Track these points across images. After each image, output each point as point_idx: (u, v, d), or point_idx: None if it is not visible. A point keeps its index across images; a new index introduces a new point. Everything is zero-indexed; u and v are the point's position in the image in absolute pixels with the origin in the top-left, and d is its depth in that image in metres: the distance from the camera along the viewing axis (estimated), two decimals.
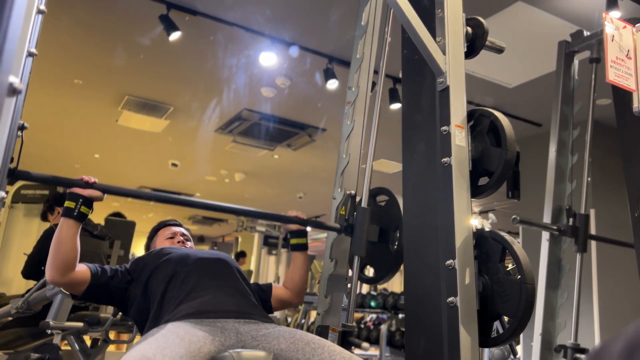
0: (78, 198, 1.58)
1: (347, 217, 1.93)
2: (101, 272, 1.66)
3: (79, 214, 1.58)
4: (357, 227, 1.89)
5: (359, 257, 1.87)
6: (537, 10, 3.40)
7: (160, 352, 1.20)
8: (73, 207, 1.57)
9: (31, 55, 1.31)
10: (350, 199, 1.95)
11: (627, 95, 2.19)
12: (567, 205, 2.66)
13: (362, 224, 1.89)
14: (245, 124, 5.77)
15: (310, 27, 3.89)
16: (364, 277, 2.10)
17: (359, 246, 1.87)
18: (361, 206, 1.92)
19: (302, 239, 1.96)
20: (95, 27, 4.06)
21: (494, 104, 4.81)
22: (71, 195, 1.58)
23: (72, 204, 1.57)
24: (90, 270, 1.63)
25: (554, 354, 2.53)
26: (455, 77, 1.64)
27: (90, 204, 1.60)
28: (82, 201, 1.58)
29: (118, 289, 1.67)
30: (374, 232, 1.97)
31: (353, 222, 1.91)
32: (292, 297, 1.95)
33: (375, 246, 2.00)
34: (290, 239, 1.97)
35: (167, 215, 2.38)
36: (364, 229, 1.88)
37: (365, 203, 1.92)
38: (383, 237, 2.01)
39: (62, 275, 1.57)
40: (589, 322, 4.39)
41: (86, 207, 1.59)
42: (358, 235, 1.88)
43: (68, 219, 1.57)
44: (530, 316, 1.50)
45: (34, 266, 2.98)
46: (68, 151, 7.67)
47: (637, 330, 0.41)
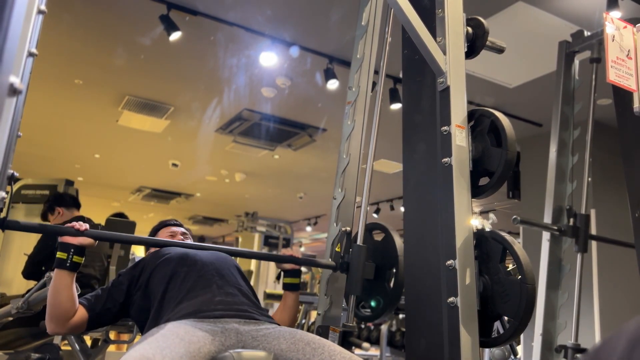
0: (69, 248, 1.56)
1: (343, 254, 1.89)
2: (95, 301, 1.66)
3: (71, 264, 1.56)
4: (352, 265, 1.85)
5: (354, 296, 1.84)
6: (537, 10, 3.40)
7: (159, 352, 1.20)
8: (65, 257, 1.56)
9: (32, 56, 1.30)
10: (346, 236, 1.92)
11: (628, 95, 2.19)
12: (568, 205, 2.66)
13: (358, 262, 1.84)
14: (245, 124, 5.77)
15: (310, 27, 3.89)
16: (361, 315, 2.03)
17: (355, 285, 1.83)
18: (357, 244, 1.88)
19: (296, 279, 1.94)
20: (96, 28, 4.06)
21: (494, 104, 4.81)
22: (62, 246, 1.57)
23: (64, 254, 1.56)
24: (84, 307, 1.63)
25: (554, 354, 2.53)
26: (455, 77, 1.64)
27: (82, 253, 1.59)
28: (74, 251, 1.56)
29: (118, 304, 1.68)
30: (370, 270, 1.89)
31: (349, 259, 1.87)
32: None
33: (372, 284, 1.95)
34: (284, 278, 1.95)
35: (167, 216, 2.38)
36: (360, 267, 1.84)
37: (360, 240, 1.88)
38: (379, 274, 1.95)
39: (62, 326, 1.57)
40: (589, 323, 4.39)
41: (78, 256, 1.58)
42: (354, 273, 1.84)
43: (61, 271, 1.56)
44: (530, 316, 1.49)
45: (34, 266, 2.98)
46: (68, 151, 7.67)
47: (639, 326, 0.41)
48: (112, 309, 1.67)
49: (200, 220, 12.27)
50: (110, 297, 1.68)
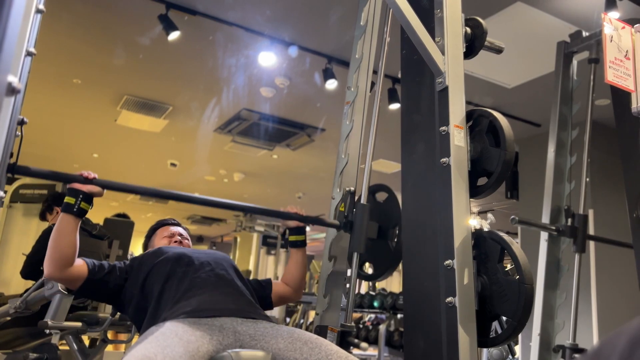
0: (78, 194, 1.57)
1: (347, 213, 1.93)
2: (98, 267, 1.66)
3: (78, 209, 1.57)
4: (356, 224, 1.89)
5: (358, 254, 1.87)
6: (536, 10, 3.40)
7: (161, 351, 1.20)
8: (73, 202, 1.57)
9: (30, 55, 1.30)
10: (350, 196, 1.96)
11: (626, 95, 2.19)
12: (566, 205, 2.66)
13: (362, 221, 1.89)
14: (244, 123, 5.77)
15: (309, 27, 3.89)
16: (363, 274, 2.10)
17: (358, 243, 1.87)
18: (360, 203, 1.92)
19: (301, 236, 1.96)
20: (95, 27, 4.05)
21: (493, 104, 4.82)
22: (71, 191, 1.58)
23: (72, 199, 1.57)
24: (87, 266, 1.63)
25: (552, 354, 2.53)
26: (454, 78, 1.64)
27: (90, 200, 1.60)
28: (82, 197, 1.58)
29: (115, 285, 1.67)
30: (373, 229, 1.97)
31: (352, 219, 1.91)
32: (291, 293, 1.95)
33: (374, 243, 2.01)
34: (289, 235, 1.96)
35: (165, 215, 2.37)
36: (363, 225, 1.88)
37: (364, 200, 1.93)
38: (382, 234, 2.01)
39: (60, 271, 1.56)
40: (587, 322, 4.40)
41: (86, 203, 1.59)
42: (357, 232, 1.88)
43: (68, 215, 1.57)
44: (528, 316, 1.50)
45: (32, 266, 2.97)
46: (67, 150, 7.66)
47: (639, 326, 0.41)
48: (109, 284, 1.66)
49: (198, 219, 12.26)
50: (113, 272, 1.67)
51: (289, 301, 1.98)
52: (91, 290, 1.66)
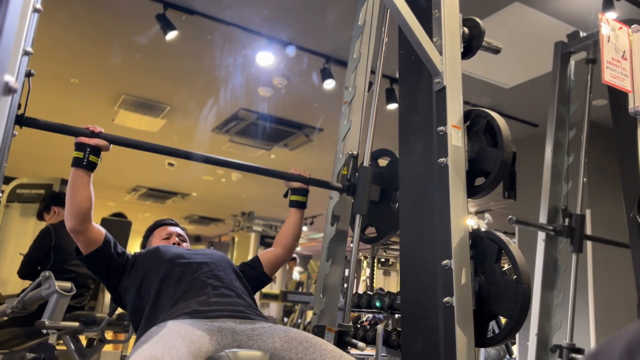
0: (85, 147, 1.61)
1: (349, 177, 1.95)
2: (113, 243, 1.71)
3: (88, 162, 1.61)
4: (359, 186, 1.91)
5: (360, 216, 1.89)
6: (533, 11, 3.41)
7: (167, 351, 1.21)
8: (82, 156, 1.61)
9: (27, 54, 1.30)
10: (352, 159, 1.97)
11: (623, 96, 2.20)
12: (563, 205, 2.66)
13: (364, 183, 1.91)
14: (242, 123, 5.76)
15: (307, 27, 3.89)
16: (365, 237, 2.11)
17: (361, 205, 1.89)
18: (363, 166, 1.93)
19: (303, 197, 1.99)
20: (92, 26, 4.05)
21: (490, 104, 4.82)
22: (78, 146, 1.62)
23: (80, 153, 1.61)
24: (105, 236, 1.68)
25: (549, 354, 2.54)
26: (452, 78, 1.64)
27: (98, 153, 1.64)
28: (90, 150, 1.62)
29: (117, 266, 1.70)
30: (376, 192, 1.98)
31: (355, 181, 1.93)
32: (282, 254, 1.97)
33: (377, 206, 2.02)
34: (291, 195, 1.99)
35: (163, 215, 2.37)
36: (366, 188, 1.90)
37: (367, 163, 1.95)
38: (384, 197, 2.02)
39: (80, 224, 1.60)
40: (584, 322, 4.41)
41: (94, 155, 1.63)
42: (360, 194, 1.90)
43: (78, 169, 1.61)
44: (526, 316, 1.50)
45: (29, 266, 2.97)
46: (64, 150, 7.61)
47: (637, 331, 0.41)
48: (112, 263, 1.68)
49: (196, 219, 12.25)
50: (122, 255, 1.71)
51: (282, 262, 2.00)
52: (97, 260, 1.68)
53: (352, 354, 1.76)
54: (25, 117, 1.49)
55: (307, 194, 2.00)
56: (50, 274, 2.29)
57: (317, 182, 2.00)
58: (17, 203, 4.80)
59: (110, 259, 1.68)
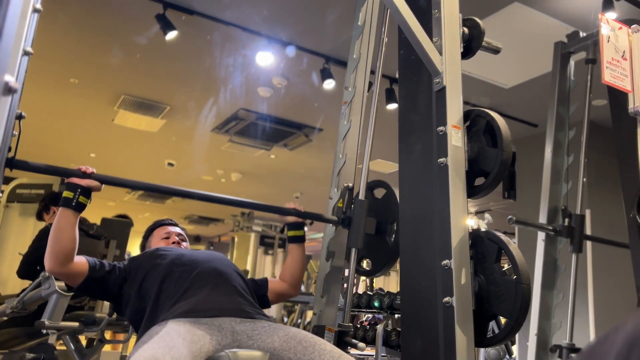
0: (76, 188, 1.58)
1: (345, 209, 1.93)
2: (99, 265, 1.66)
3: (77, 204, 1.58)
4: (354, 220, 1.90)
5: (356, 250, 1.87)
6: (533, 11, 3.41)
7: (168, 352, 1.21)
8: (71, 197, 1.57)
9: (27, 54, 1.30)
10: (348, 192, 1.96)
11: (623, 96, 2.20)
12: (563, 205, 2.66)
13: (360, 217, 1.89)
14: (241, 123, 5.76)
15: (307, 27, 3.89)
16: (361, 270, 2.10)
17: (356, 238, 1.87)
18: (359, 199, 1.92)
19: (300, 232, 1.97)
20: (92, 26, 4.05)
21: (490, 104, 4.82)
22: (69, 186, 1.58)
23: (71, 194, 1.58)
24: (88, 263, 1.63)
25: (549, 354, 2.54)
26: (451, 78, 1.64)
27: (88, 194, 1.60)
28: (80, 191, 1.58)
29: (114, 284, 1.67)
30: (371, 225, 1.97)
31: (350, 214, 1.92)
32: (289, 289, 1.95)
33: (372, 239, 2.01)
34: (288, 231, 1.97)
35: (163, 215, 2.37)
36: (362, 221, 1.88)
37: (362, 196, 1.93)
38: (380, 229, 2.01)
39: (60, 266, 1.57)
40: (584, 322, 4.41)
41: (84, 197, 1.59)
42: (355, 227, 1.89)
43: (66, 209, 1.57)
44: (525, 316, 1.50)
45: (29, 266, 2.96)
46: (64, 150, 7.64)
47: (635, 326, 0.41)
48: (108, 283, 1.66)
49: (195, 219, 12.24)
50: (113, 271, 1.68)
51: (287, 297, 1.99)
52: (91, 288, 1.66)
53: (352, 354, 1.76)
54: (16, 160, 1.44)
55: (304, 227, 1.98)
56: (50, 274, 2.28)
57: (313, 215, 2.00)
58: (16, 203, 4.80)
59: (102, 282, 1.65)
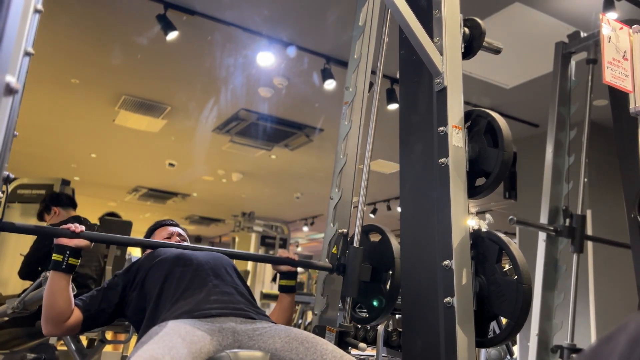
0: (65, 250, 1.56)
1: (339, 256, 1.88)
2: (90, 301, 1.65)
3: (67, 266, 1.56)
4: (349, 268, 1.85)
5: (350, 298, 1.84)
6: (534, 11, 3.41)
7: (168, 352, 1.21)
8: (61, 260, 1.55)
9: (28, 55, 1.30)
10: (342, 238, 1.91)
11: (624, 96, 2.19)
12: (564, 205, 2.66)
13: (354, 264, 1.84)
14: (242, 124, 5.76)
15: (307, 27, 3.89)
16: (357, 317, 2.03)
17: (351, 287, 1.83)
18: (353, 246, 1.88)
19: (292, 281, 1.94)
20: (93, 27, 4.05)
21: (491, 104, 4.82)
22: (58, 248, 1.56)
23: (60, 257, 1.56)
24: (79, 308, 1.63)
25: (550, 354, 2.54)
26: (452, 78, 1.64)
27: (78, 255, 1.58)
28: (70, 253, 1.56)
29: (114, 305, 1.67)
30: (366, 272, 1.89)
31: (345, 261, 1.87)
32: None
33: (368, 286, 1.94)
34: (280, 280, 1.95)
35: (164, 216, 2.38)
36: (356, 269, 1.84)
37: (357, 242, 1.89)
38: (376, 276, 1.94)
39: (58, 328, 1.57)
40: (585, 323, 4.40)
41: (74, 258, 1.57)
42: (350, 276, 1.84)
43: (57, 273, 1.56)
44: (526, 316, 1.50)
45: (30, 266, 2.96)
46: (65, 151, 7.65)
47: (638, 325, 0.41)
48: (107, 310, 1.66)
49: (196, 220, 12.26)
50: (105, 298, 1.67)
51: None
52: (93, 324, 1.66)
53: (353, 354, 1.76)
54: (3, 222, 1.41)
55: (296, 277, 1.95)
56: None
57: (306, 264, 1.97)
58: (17, 203, 4.80)
59: (101, 313, 1.65)
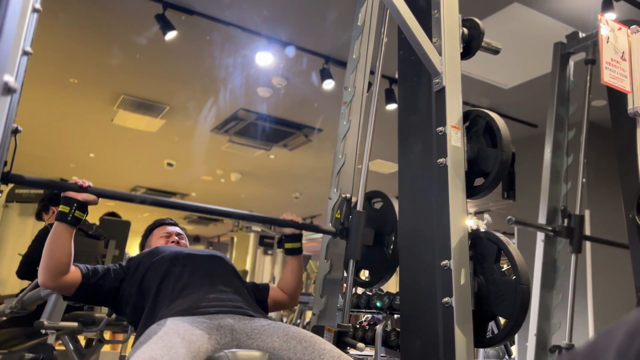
0: (72, 202, 1.57)
1: (343, 220, 1.92)
2: (92, 272, 1.65)
3: (73, 218, 1.57)
4: (352, 231, 1.88)
5: (354, 261, 1.87)
6: (533, 11, 3.41)
7: (167, 352, 1.21)
8: (67, 211, 1.56)
9: (26, 54, 1.30)
10: (346, 202, 1.95)
11: (622, 96, 2.20)
12: (562, 206, 2.67)
13: (358, 228, 1.88)
14: (241, 123, 5.76)
15: (306, 27, 3.89)
16: (359, 281, 2.09)
17: (354, 250, 1.86)
18: (356, 210, 1.91)
19: (297, 243, 1.96)
20: (91, 26, 4.05)
21: (489, 104, 4.82)
22: (65, 200, 1.57)
23: (67, 208, 1.56)
24: (80, 271, 1.63)
25: (548, 355, 2.54)
26: (451, 78, 1.64)
27: (84, 208, 1.59)
28: (77, 205, 1.57)
29: (109, 287, 1.67)
30: (370, 236, 1.96)
31: (348, 225, 1.90)
32: (287, 300, 1.95)
33: (370, 250, 2.00)
34: (285, 243, 1.96)
35: (162, 215, 2.37)
36: (360, 232, 1.87)
37: (360, 206, 1.92)
38: (378, 240, 2.00)
39: (54, 280, 1.56)
40: (583, 323, 4.41)
41: (80, 211, 1.58)
42: (353, 239, 1.88)
43: (62, 224, 1.56)
44: (525, 317, 1.50)
45: (28, 266, 2.96)
46: (63, 150, 7.64)
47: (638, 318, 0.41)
48: (103, 287, 1.65)
49: (195, 219, 12.23)
50: (107, 276, 1.67)
51: (284, 308, 1.99)
52: (85, 295, 1.65)
53: (351, 354, 1.76)
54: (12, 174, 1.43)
55: (301, 239, 1.97)
56: None
57: (310, 227, 1.99)
58: (16, 203, 4.80)
59: (97, 288, 1.64)
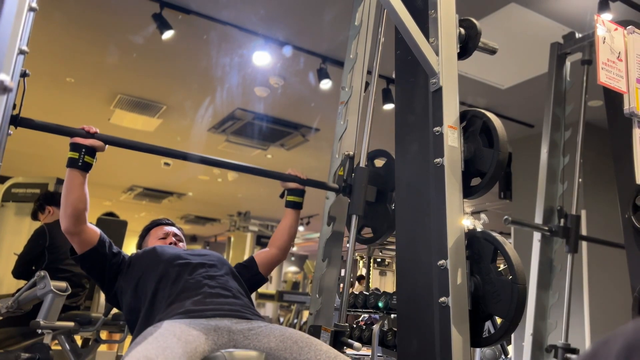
0: (81, 148, 1.61)
1: (346, 177, 1.96)
2: (108, 243, 1.71)
3: (83, 163, 1.61)
4: (355, 187, 1.92)
5: (357, 217, 1.89)
6: (529, 11, 3.42)
7: (162, 352, 1.21)
8: (77, 157, 1.61)
9: (22, 53, 1.30)
10: (349, 160, 1.98)
11: (618, 97, 2.20)
12: (559, 206, 2.67)
13: (361, 184, 1.92)
14: (238, 123, 5.76)
15: (304, 27, 3.89)
16: (362, 238, 2.12)
17: (357, 205, 1.90)
18: (359, 167, 1.94)
19: (299, 198, 2.00)
20: (88, 25, 4.03)
21: (486, 105, 4.83)
22: (74, 146, 1.62)
23: (76, 154, 1.61)
24: (100, 236, 1.68)
25: (544, 354, 2.55)
26: (448, 78, 1.65)
27: (93, 154, 1.64)
28: (85, 151, 1.61)
29: (112, 266, 1.70)
30: (372, 193, 1.99)
31: (351, 182, 1.94)
32: (278, 255, 1.98)
33: (373, 207, 2.02)
34: (288, 196, 2.00)
35: (159, 215, 2.37)
36: (362, 189, 1.91)
37: (363, 164, 1.95)
38: (380, 197, 2.03)
39: (74, 225, 1.60)
40: (579, 322, 4.42)
41: (89, 156, 1.63)
42: (356, 195, 1.91)
43: (73, 170, 1.61)
44: (521, 316, 1.50)
45: (24, 265, 2.95)
46: (59, 149, 7.61)
47: (636, 330, 0.41)
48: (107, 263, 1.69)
49: (192, 219, 12.22)
50: (117, 255, 1.72)
51: (277, 263, 2.01)
52: (91, 260, 1.68)
53: (348, 354, 1.76)
54: (21, 117, 1.49)
55: (304, 195, 2.01)
56: (45, 274, 2.28)
57: (314, 182, 2.01)
58: (12, 202, 4.78)
59: (104, 259, 1.69)
